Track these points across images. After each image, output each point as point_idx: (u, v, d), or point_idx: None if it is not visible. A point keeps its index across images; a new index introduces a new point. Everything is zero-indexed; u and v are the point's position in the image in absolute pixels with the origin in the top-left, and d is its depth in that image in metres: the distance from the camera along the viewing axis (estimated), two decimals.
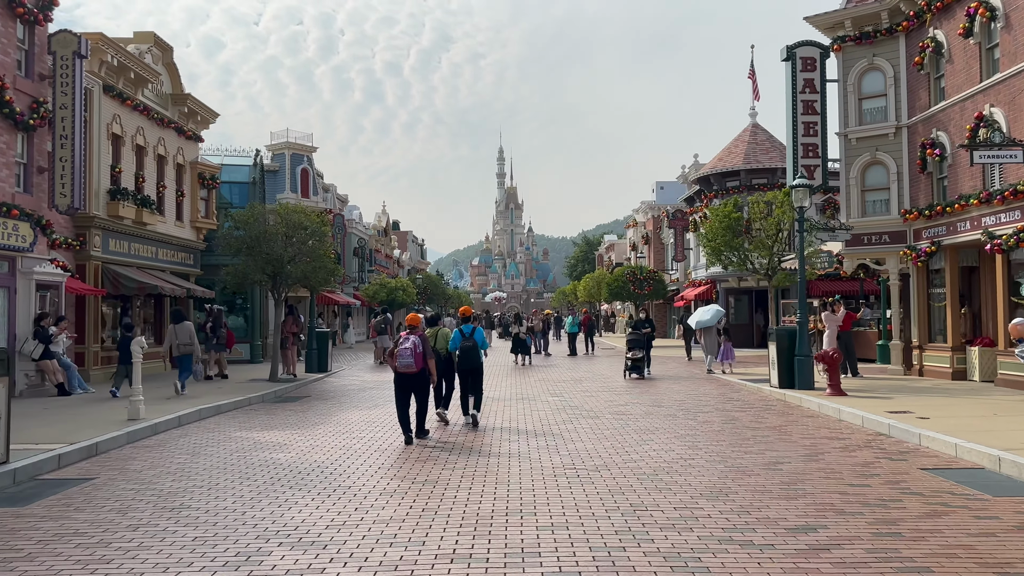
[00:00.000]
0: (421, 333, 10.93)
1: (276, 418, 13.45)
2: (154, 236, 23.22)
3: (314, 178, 38.03)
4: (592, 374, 21.78)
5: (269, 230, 19.33)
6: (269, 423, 12.82)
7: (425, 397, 11.04)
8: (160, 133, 23.85)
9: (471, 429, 11.80)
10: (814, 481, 7.97)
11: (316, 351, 22.85)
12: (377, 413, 13.83)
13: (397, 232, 78.15)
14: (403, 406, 10.67)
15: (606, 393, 16.58)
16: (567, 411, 13.65)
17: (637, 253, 42.51)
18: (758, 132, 33.09)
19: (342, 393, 17.70)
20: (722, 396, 15.90)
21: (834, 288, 31.00)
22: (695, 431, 11.28)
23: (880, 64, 19.48)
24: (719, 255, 17.93)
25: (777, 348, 16.20)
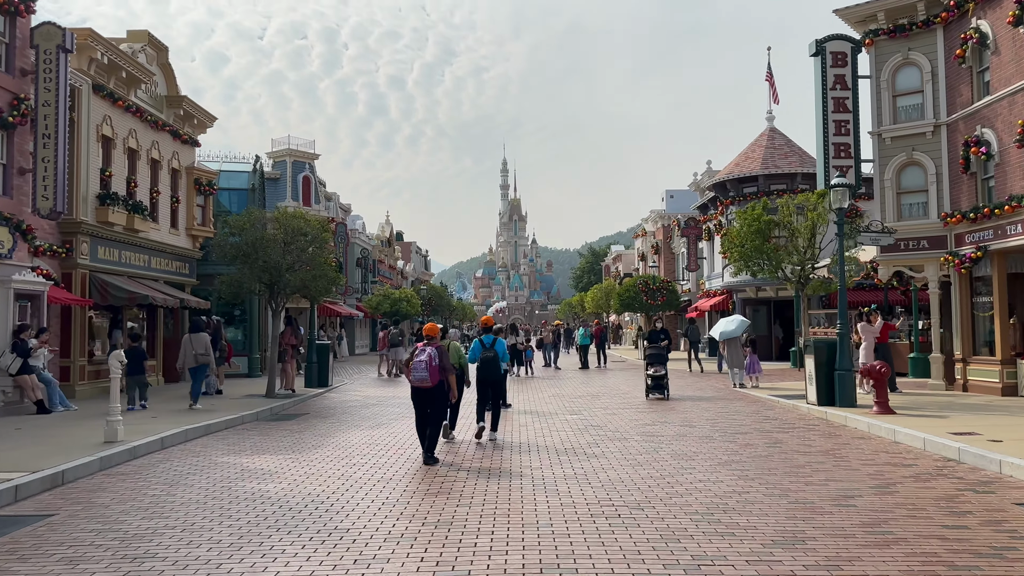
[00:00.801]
0: (439, 344, 9.97)
1: (269, 440, 12.20)
2: (147, 244, 22.06)
3: (316, 186, 36.91)
4: (608, 389, 20.51)
5: (266, 236, 18.16)
6: (261, 446, 11.57)
7: (440, 415, 10.06)
8: (154, 136, 22.74)
9: (486, 448, 10.55)
10: (900, 521, 6.70)
11: (316, 364, 21.63)
12: (380, 434, 12.58)
13: (401, 243, 77.06)
14: (421, 422, 9.94)
15: (628, 411, 15.31)
16: (590, 432, 12.39)
17: (648, 263, 41.26)
18: (776, 136, 31.89)
19: (343, 410, 16.46)
20: (756, 414, 14.62)
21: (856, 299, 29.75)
22: (739, 456, 10.01)
23: (916, 59, 18.29)
24: (748, 261, 16.68)
25: (815, 362, 14.94)
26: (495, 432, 11.74)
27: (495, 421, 11.76)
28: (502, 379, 11.97)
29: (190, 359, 16.38)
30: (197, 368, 16.34)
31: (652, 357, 17.51)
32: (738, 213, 17.36)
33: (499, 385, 11.85)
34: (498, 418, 11.90)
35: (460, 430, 12.69)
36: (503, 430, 12.70)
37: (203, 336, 16.60)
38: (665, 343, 18.12)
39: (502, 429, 12.79)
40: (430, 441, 9.75)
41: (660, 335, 18.33)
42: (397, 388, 21.95)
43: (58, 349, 17.74)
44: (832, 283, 18.15)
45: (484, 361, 11.54)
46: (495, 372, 11.60)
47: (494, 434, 11.70)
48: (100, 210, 19.52)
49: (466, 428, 12.94)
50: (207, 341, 16.61)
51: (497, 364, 11.61)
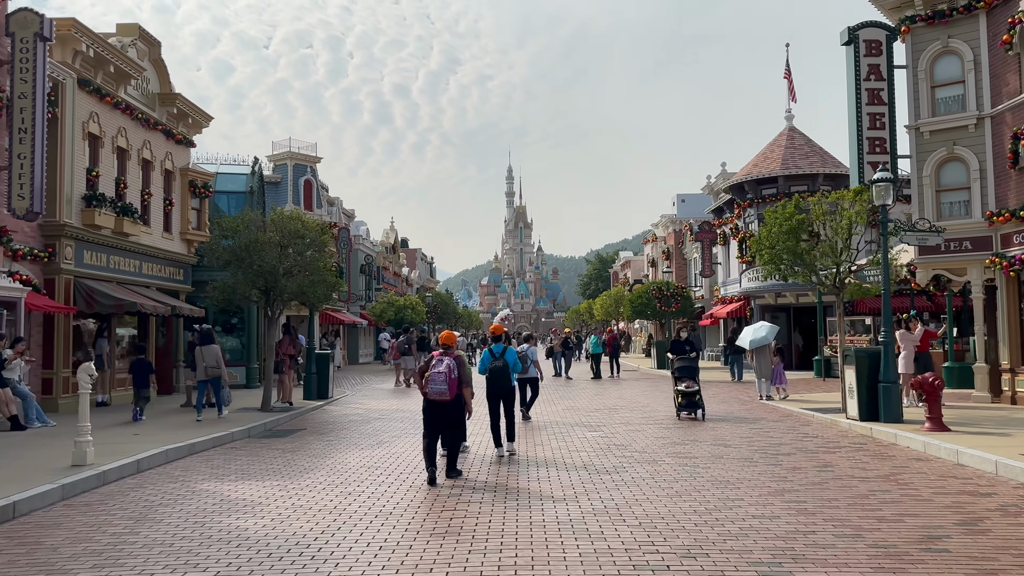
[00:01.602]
0: (457, 355, 9.25)
1: (259, 461, 10.99)
2: (137, 248, 20.92)
3: (318, 190, 35.83)
4: (626, 401, 19.24)
5: (261, 239, 16.99)
6: (248, 469, 10.36)
7: (459, 430, 9.48)
8: (146, 135, 21.63)
9: (501, 468, 9.33)
10: (1016, 574, 5.46)
11: (316, 375, 20.43)
12: (380, 454, 11.35)
13: (406, 249, 75.97)
14: (432, 438, 9.18)
15: (652, 427, 14.05)
16: (615, 452, 11.13)
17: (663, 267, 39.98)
18: (795, 136, 30.65)
19: (342, 425, 15.25)
20: (793, 431, 13.35)
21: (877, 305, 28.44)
22: (789, 484, 8.76)
23: (956, 47, 17.06)
24: (780, 264, 15.43)
25: (857, 373, 13.67)
26: (512, 443, 11.09)
27: (510, 431, 11.13)
28: (513, 391, 11.34)
29: (201, 372, 15.78)
30: (208, 381, 15.76)
31: (683, 370, 15.18)
32: (767, 212, 16.10)
33: (510, 397, 11.21)
34: (513, 427, 11.22)
35: (470, 444, 11.52)
36: (520, 448, 11.47)
37: (214, 348, 15.97)
38: (694, 355, 15.83)
39: (521, 447, 11.58)
40: (450, 455, 9.31)
41: (686, 345, 15.95)
42: (401, 400, 20.74)
43: (35, 360, 16.58)
44: (872, 287, 16.84)
45: (494, 372, 10.87)
46: (506, 383, 10.97)
47: (512, 445, 11.05)
48: (86, 212, 18.39)
49: (476, 444, 11.73)
50: (219, 353, 16.01)
51: (508, 374, 10.97)
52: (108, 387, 19.31)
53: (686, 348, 15.88)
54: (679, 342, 16.27)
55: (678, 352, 15.87)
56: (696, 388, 14.80)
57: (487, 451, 11.33)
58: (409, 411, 17.70)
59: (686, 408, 14.80)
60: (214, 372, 15.78)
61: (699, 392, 14.85)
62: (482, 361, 11.11)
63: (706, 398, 19.06)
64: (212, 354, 15.83)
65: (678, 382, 15.14)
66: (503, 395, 11.05)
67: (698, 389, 14.84)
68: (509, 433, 11.11)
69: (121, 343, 21.18)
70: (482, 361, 11.11)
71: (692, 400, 14.76)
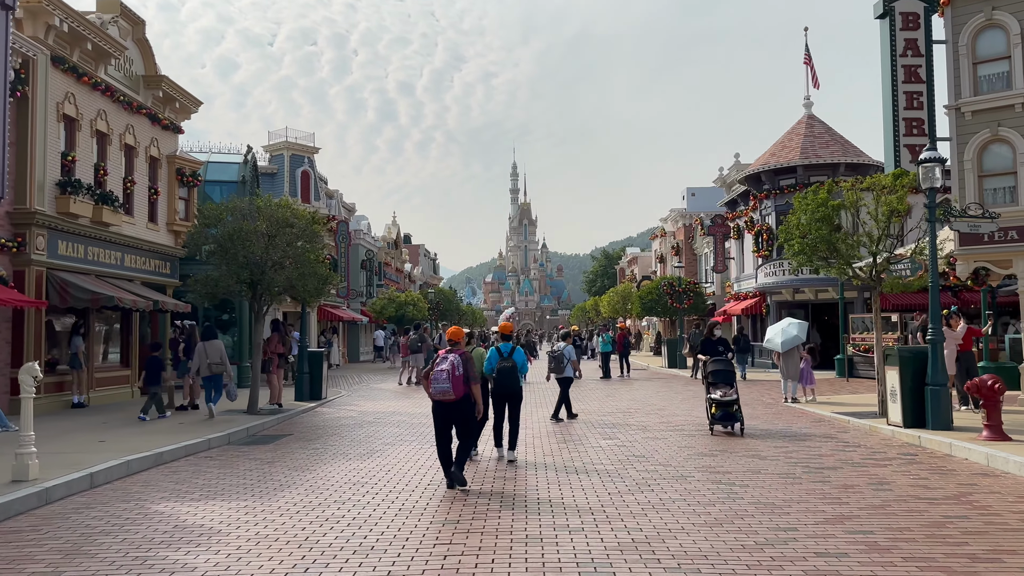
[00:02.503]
0: (463, 351, 8.63)
1: (231, 474, 9.69)
2: (119, 239, 19.64)
3: (316, 181, 34.54)
4: (640, 404, 17.90)
5: (246, 228, 15.70)
6: (216, 484, 9.06)
7: (468, 432, 8.71)
8: (129, 119, 20.35)
9: (507, 489, 8.03)
10: None
11: (309, 375, 19.15)
12: (370, 466, 10.05)
13: (409, 245, 74.72)
14: (442, 442, 8.63)
15: (673, 434, 12.72)
16: (635, 464, 9.81)
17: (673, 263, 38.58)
18: (815, 124, 29.22)
19: (332, 431, 13.96)
20: (831, 439, 12.01)
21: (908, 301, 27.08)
22: (847, 507, 7.43)
23: (1001, 19, 15.66)
24: (812, 255, 14.07)
25: (901, 375, 12.32)
26: (513, 451, 10.40)
27: (513, 438, 10.44)
28: (520, 392, 10.59)
29: (204, 368, 15.34)
30: (211, 377, 15.30)
31: (717, 375, 12.71)
32: (797, 198, 14.74)
33: (516, 399, 10.52)
34: (516, 434, 10.49)
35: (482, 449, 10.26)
36: (525, 462, 10.17)
37: (217, 343, 15.50)
38: (729, 356, 13.57)
39: (524, 460, 10.27)
40: (457, 458, 8.56)
41: (719, 345, 13.63)
42: (399, 401, 19.45)
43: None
44: (913, 280, 15.44)
45: (501, 372, 10.32)
46: (514, 384, 10.40)
47: (513, 453, 10.37)
48: (61, 199, 17.11)
49: (484, 448, 10.45)
50: (222, 349, 15.52)
51: (515, 375, 10.40)
52: (86, 387, 18.05)
53: (719, 348, 13.61)
54: (711, 341, 13.92)
55: (710, 352, 13.56)
56: (734, 396, 12.43)
57: (497, 462, 10.04)
58: (406, 413, 16.42)
59: (722, 420, 12.39)
60: (218, 368, 15.28)
61: (737, 401, 12.46)
62: (488, 360, 10.45)
63: None
64: (216, 349, 15.34)
65: (711, 389, 12.71)
66: (508, 396, 10.41)
67: (736, 398, 12.46)
68: (511, 440, 10.42)
69: (108, 339, 19.96)
70: (488, 360, 10.45)
71: (728, 411, 12.36)
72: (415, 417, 15.73)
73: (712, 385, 12.77)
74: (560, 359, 14.74)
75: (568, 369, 14.80)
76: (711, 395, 12.65)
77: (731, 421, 12.38)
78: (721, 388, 12.59)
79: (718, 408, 12.45)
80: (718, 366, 12.93)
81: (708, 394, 12.81)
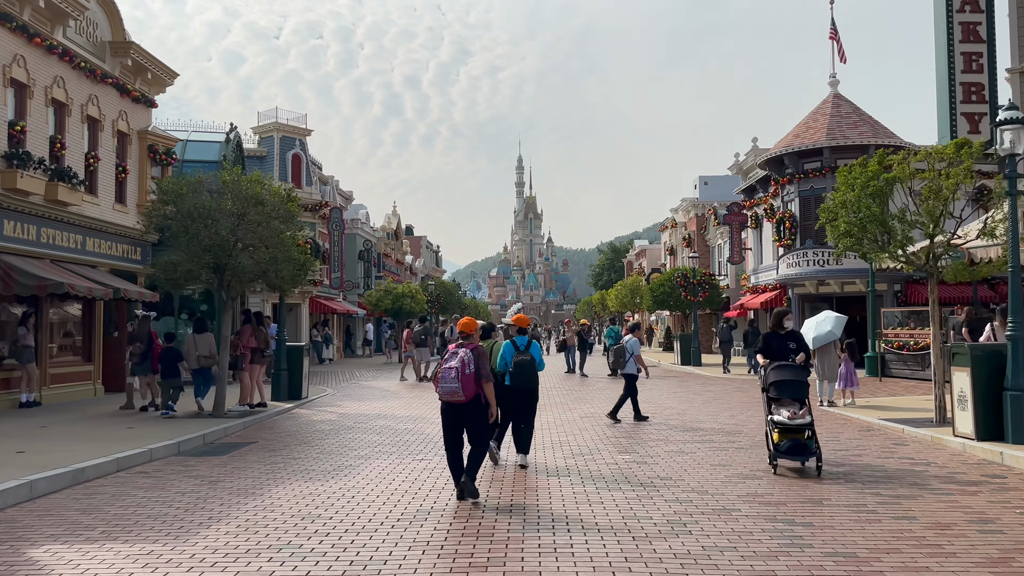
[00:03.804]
0: (475, 345, 7.65)
1: (157, 500, 7.79)
2: (79, 221, 17.76)
3: (308, 165, 32.61)
4: (656, 406, 15.94)
5: (209, 204, 13.79)
6: (132, 515, 7.15)
7: (481, 437, 7.65)
8: (92, 89, 18.44)
9: (513, 523, 6.12)
10: None
11: (287, 372, 17.27)
12: (332, 489, 8.13)
13: (410, 237, 72.83)
14: (452, 448, 7.62)
15: (702, 447, 10.77)
16: (662, 491, 7.87)
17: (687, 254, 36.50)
18: (841, 103, 27.11)
19: (303, 438, 12.05)
20: (889, 454, 10.05)
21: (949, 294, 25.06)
22: (955, 560, 5.49)
23: None
24: (862, 236, 12.06)
25: (973, 378, 10.35)
26: (526, 454, 9.46)
27: (526, 439, 9.51)
28: (536, 389, 9.71)
29: (193, 360, 14.76)
30: (201, 370, 14.74)
31: (784, 387, 8.80)
32: (841, 171, 12.75)
33: (533, 397, 9.65)
34: (530, 437, 9.60)
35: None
36: (538, 481, 8.26)
37: (208, 336, 14.92)
38: (802, 359, 9.15)
39: (538, 481, 8.36)
40: (469, 466, 7.55)
41: (789, 342, 9.36)
42: (388, 401, 17.54)
43: None
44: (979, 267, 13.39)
45: (519, 366, 9.43)
46: (531, 380, 9.51)
47: (524, 457, 9.42)
48: (6, 174, 15.22)
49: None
50: (212, 341, 14.90)
51: (533, 370, 9.50)
52: (38, 384, 16.20)
53: (789, 347, 9.25)
54: (778, 336, 9.42)
55: (775, 353, 9.22)
56: (808, 419, 8.59)
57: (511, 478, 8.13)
58: (392, 417, 14.52)
59: (789, 452, 8.47)
60: (207, 361, 14.68)
61: (812, 425, 8.63)
62: (503, 355, 9.57)
63: (745, 403, 15.77)
64: (206, 342, 14.74)
65: (774, 407, 8.82)
66: (525, 392, 9.54)
67: (811, 420, 8.64)
68: (524, 443, 9.49)
69: (68, 330, 18.12)
70: (503, 355, 9.57)
71: (799, 440, 8.50)
72: (401, 422, 13.84)
73: (775, 401, 8.84)
74: (621, 353, 13.27)
75: (631, 364, 13.38)
76: (774, 415, 8.71)
77: (803, 455, 8.49)
78: (789, 406, 8.71)
79: (784, 436, 8.56)
80: (786, 374, 8.81)
81: (769, 414, 8.84)
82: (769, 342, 9.44)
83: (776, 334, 9.54)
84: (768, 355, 9.28)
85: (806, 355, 9.24)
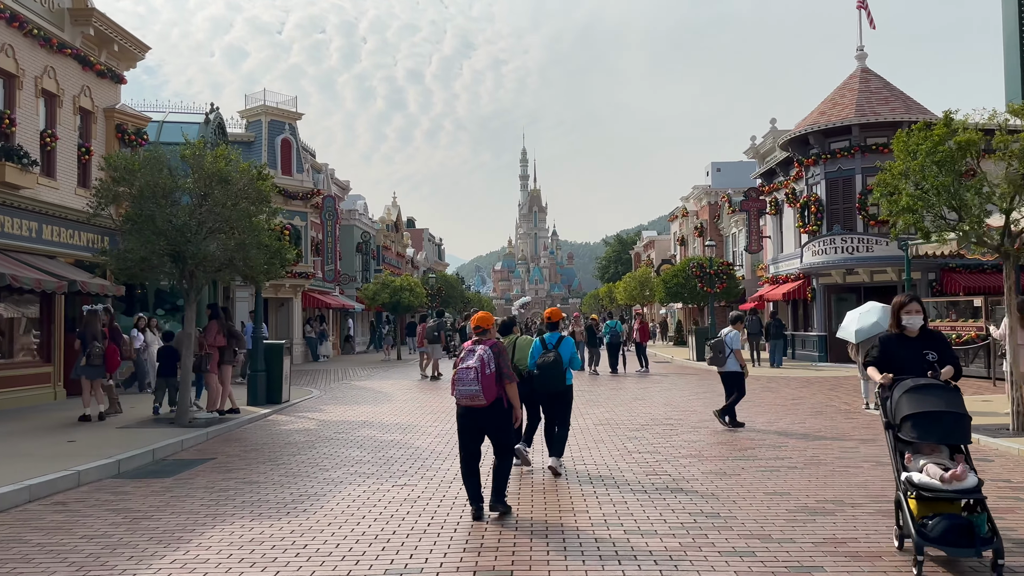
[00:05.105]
0: (494, 342, 6.71)
1: (53, 547, 5.98)
2: (33, 207, 15.98)
3: (298, 151, 30.77)
4: (681, 411, 14.11)
5: (165, 183, 11.97)
6: (8, 574, 5.36)
7: (506, 445, 6.76)
8: (48, 60, 16.64)
9: None
10: None
11: (266, 374, 15.47)
12: (287, 531, 6.30)
13: (412, 230, 71.01)
14: (468, 460, 6.68)
15: (749, 467, 8.92)
16: (715, 541, 6.02)
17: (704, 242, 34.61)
18: (870, 78, 25.14)
19: (270, 453, 10.24)
20: (981, 474, 8.17)
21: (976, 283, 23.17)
22: None
23: None
24: (927, 210, 10.17)
25: None
26: (559, 457, 8.57)
27: (559, 441, 8.67)
28: (567, 392, 8.78)
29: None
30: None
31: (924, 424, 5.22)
32: (898, 136, 10.87)
33: (563, 401, 8.77)
34: (564, 439, 8.74)
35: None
36: (547, 513, 6.43)
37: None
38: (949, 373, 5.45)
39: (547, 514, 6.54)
40: (495, 479, 6.73)
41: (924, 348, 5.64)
42: (378, 405, 15.70)
43: None
44: None
45: (543, 368, 8.61)
46: (558, 382, 8.67)
47: (559, 460, 8.55)
48: None
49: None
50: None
51: (560, 370, 8.62)
52: None
53: (925, 356, 5.60)
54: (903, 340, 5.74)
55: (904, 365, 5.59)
56: (974, 481, 5.05)
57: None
58: (380, 424, 12.70)
59: (945, 539, 4.91)
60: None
61: (979, 489, 5.06)
62: (531, 354, 8.87)
63: (781, 405, 13.89)
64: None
65: (910, 455, 5.36)
66: (553, 395, 8.71)
67: (978, 484, 5.07)
68: (556, 445, 8.62)
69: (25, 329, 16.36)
70: (531, 354, 8.87)
71: (957, 519, 4.97)
72: (388, 431, 12.02)
73: (909, 446, 5.35)
74: (720, 348, 11.58)
75: (731, 360, 11.64)
76: (908, 471, 5.28)
77: (968, 544, 4.88)
78: (932, 456, 5.29)
79: (931, 508, 5.13)
80: (929, 401, 5.24)
81: (901, 470, 5.34)
82: (889, 348, 5.73)
83: (901, 337, 5.77)
84: (887, 367, 5.61)
85: (955, 368, 5.53)
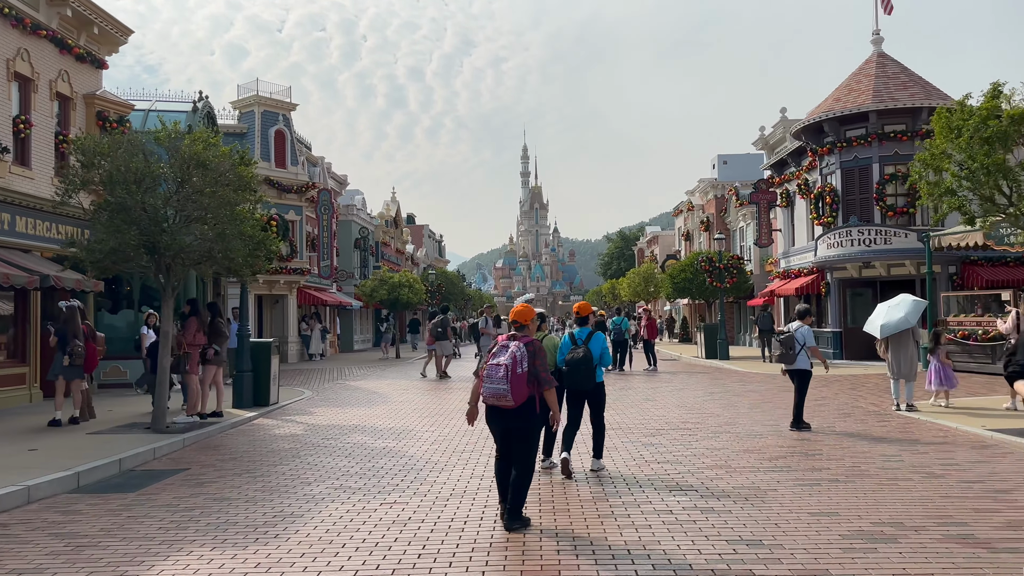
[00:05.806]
0: (531, 339, 6.12)
1: None
2: (6, 197, 15.07)
3: (293, 143, 29.78)
4: (697, 413, 13.13)
5: (137, 167, 11.00)
6: None
7: (527, 456, 6.08)
8: (22, 43, 15.68)
9: None
10: None
11: (252, 374, 14.51)
12: (251, 564, 5.33)
13: (412, 226, 70.03)
14: (504, 457, 6.16)
15: (785, 478, 7.94)
16: (769, 573, 5.05)
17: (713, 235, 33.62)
18: (887, 62, 24.13)
19: (250, 463, 9.27)
20: None
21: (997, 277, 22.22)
22: None
23: None
24: (974, 191, 9.20)
25: None
26: (600, 459, 8.39)
27: (597, 443, 8.44)
28: (599, 389, 8.44)
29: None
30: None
31: None
32: (938, 112, 9.91)
33: (596, 399, 8.47)
34: (601, 438, 8.46)
35: None
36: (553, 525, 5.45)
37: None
38: None
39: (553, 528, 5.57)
40: (513, 489, 6.04)
41: None
42: (372, 407, 14.73)
43: None
44: None
45: (572, 365, 8.23)
46: (587, 380, 8.27)
47: (599, 462, 8.36)
48: None
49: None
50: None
51: (590, 367, 8.21)
52: None
53: None
54: None
55: None
56: None
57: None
58: (373, 429, 11.73)
59: None
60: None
61: None
62: (560, 350, 8.49)
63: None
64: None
65: None
66: (583, 394, 8.41)
67: None
68: (595, 446, 8.44)
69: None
70: (560, 350, 8.49)
71: None
72: (380, 437, 11.05)
73: None
74: (791, 344, 10.49)
75: (802, 358, 10.57)
76: None
77: None
78: None
79: None
80: None
81: None
82: None
83: None
84: None
85: None
